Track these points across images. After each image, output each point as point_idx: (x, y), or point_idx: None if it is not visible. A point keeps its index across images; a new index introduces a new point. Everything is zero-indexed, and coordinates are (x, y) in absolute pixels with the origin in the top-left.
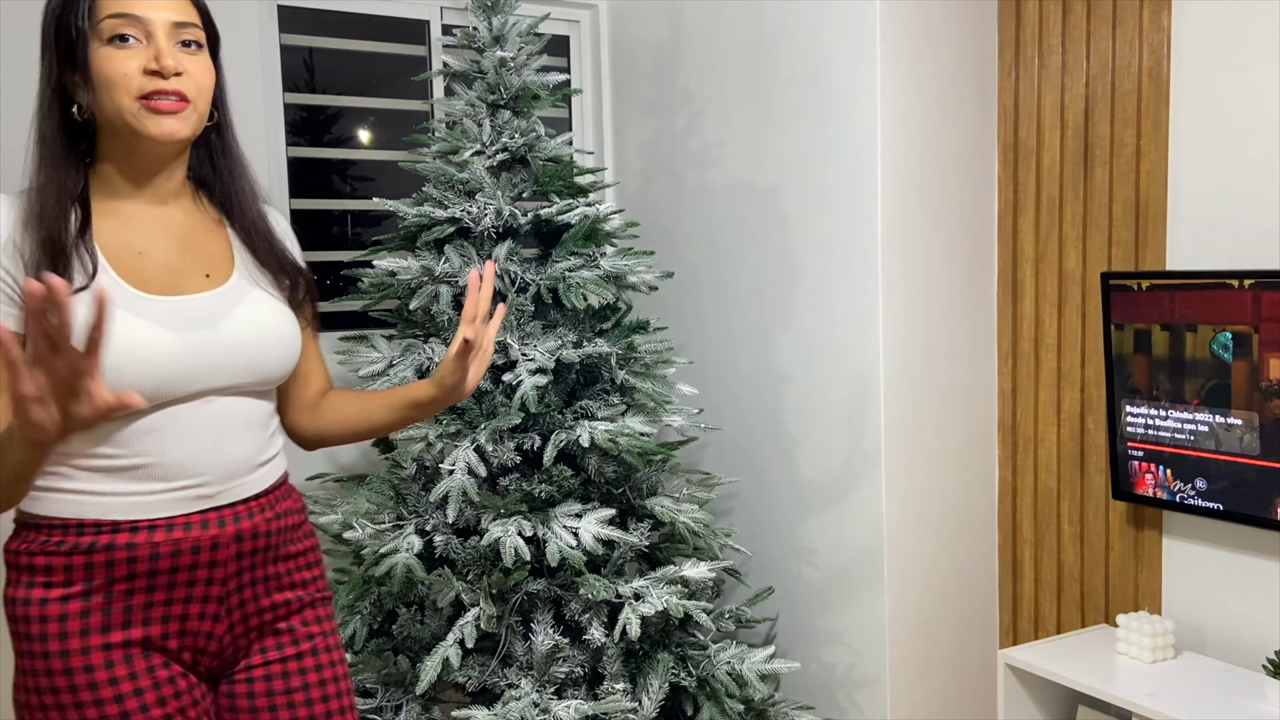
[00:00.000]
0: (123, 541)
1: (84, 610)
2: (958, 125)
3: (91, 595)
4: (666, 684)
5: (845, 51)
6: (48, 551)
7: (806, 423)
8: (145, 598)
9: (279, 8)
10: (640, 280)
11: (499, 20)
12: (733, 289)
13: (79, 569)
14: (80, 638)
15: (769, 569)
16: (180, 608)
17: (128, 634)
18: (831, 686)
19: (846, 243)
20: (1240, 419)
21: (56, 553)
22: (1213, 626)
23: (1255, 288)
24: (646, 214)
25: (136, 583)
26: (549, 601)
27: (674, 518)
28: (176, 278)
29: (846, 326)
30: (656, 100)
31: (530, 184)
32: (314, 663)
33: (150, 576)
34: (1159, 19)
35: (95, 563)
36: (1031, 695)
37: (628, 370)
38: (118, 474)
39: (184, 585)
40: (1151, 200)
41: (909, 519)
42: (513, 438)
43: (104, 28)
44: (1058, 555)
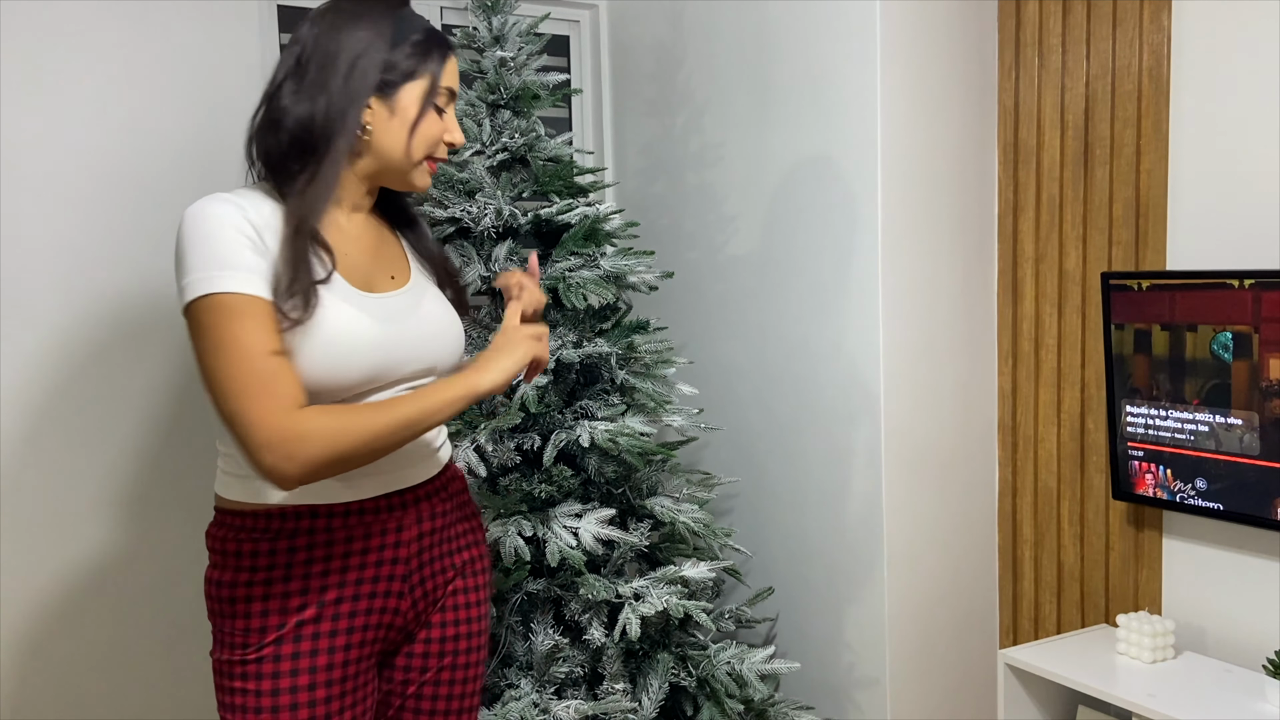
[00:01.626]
0: (321, 525)
1: (284, 593)
2: (958, 125)
3: (291, 579)
4: (666, 684)
5: (845, 51)
6: (254, 538)
7: (806, 423)
8: (340, 578)
9: (279, 8)
10: (640, 280)
11: (499, 20)
12: (733, 289)
13: (282, 553)
14: (279, 615)
15: (769, 569)
16: (369, 587)
17: (320, 612)
18: (831, 686)
19: (846, 243)
20: (1240, 419)
21: (262, 538)
22: (1213, 626)
23: (1255, 288)
24: (646, 214)
25: (331, 564)
26: (549, 601)
27: (674, 518)
28: (370, 278)
29: (846, 326)
30: (656, 100)
31: (530, 184)
32: (466, 645)
33: (345, 559)
34: (1159, 19)
35: (298, 546)
36: (1031, 695)
37: (628, 370)
38: None
39: (373, 565)
40: (1151, 200)
41: (909, 519)
42: (513, 438)
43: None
44: (1058, 555)
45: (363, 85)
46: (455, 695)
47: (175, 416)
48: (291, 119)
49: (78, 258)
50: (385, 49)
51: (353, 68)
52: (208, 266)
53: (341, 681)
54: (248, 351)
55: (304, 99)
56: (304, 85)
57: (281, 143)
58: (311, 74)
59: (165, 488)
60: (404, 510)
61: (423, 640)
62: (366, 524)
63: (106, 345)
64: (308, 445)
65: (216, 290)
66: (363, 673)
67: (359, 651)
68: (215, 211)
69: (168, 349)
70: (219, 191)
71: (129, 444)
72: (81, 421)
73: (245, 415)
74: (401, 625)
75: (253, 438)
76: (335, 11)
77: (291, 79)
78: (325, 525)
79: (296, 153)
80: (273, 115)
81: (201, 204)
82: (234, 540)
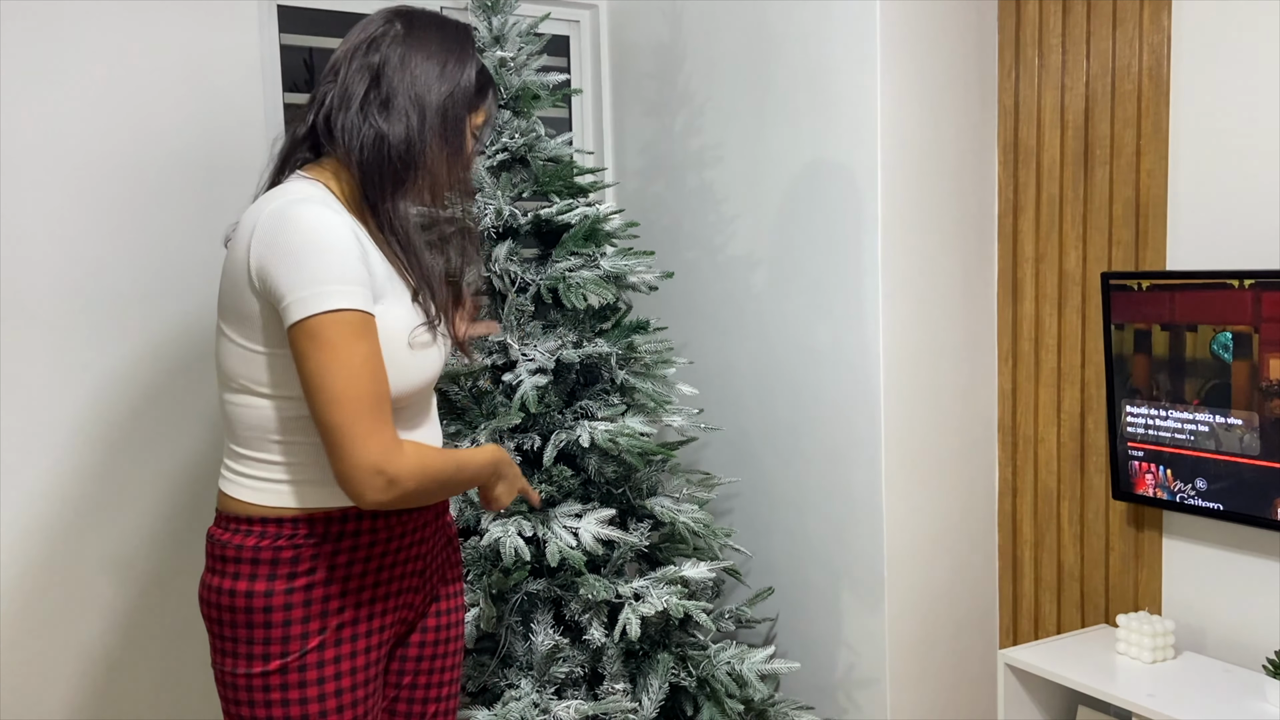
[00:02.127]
0: (365, 527)
1: (325, 596)
2: (958, 125)
3: (330, 582)
4: (666, 684)
5: (845, 51)
6: (295, 545)
7: (806, 423)
8: (374, 577)
9: (279, 8)
10: (640, 280)
11: (499, 20)
12: (732, 289)
13: (324, 557)
14: (320, 620)
15: (769, 569)
16: (397, 584)
17: (357, 614)
18: (831, 686)
19: (846, 242)
20: (1240, 419)
21: (305, 543)
22: (1213, 626)
23: (1255, 288)
24: (646, 214)
25: (370, 564)
26: (549, 602)
27: (674, 518)
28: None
29: (846, 326)
30: (656, 100)
31: (530, 184)
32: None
33: (381, 558)
34: (1159, 19)
35: (341, 549)
36: (1031, 695)
37: (628, 370)
38: None
39: (401, 563)
40: (1151, 200)
41: (909, 519)
42: (513, 438)
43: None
44: (1058, 555)
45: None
46: (446, 682)
47: (178, 414)
48: (394, 135)
49: (77, 256)
50: (466, 78)
51: (446, 96)
52: (331, 280)
53: (375, 679)
54: (371, 372)
55: (398, 118)
56: (393, 104)
57: (383, 155)
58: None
59: (163, 488)
60: (424, 509)
61: (420, 630)
62: (402, 522)
63: (106, 345)
64: (405, 481)
65: (346, 306)
66: (382, 665)
67: (385, 648)
68: (334, 223)
69: (167, 348)
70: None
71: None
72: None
73: (358, 434)
74: (413, 619)
75: (361, 458)
76: (416, 32)
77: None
78: (370, 527)
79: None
80: (376, 128)
81: (315, 212)
82: (270, 549)
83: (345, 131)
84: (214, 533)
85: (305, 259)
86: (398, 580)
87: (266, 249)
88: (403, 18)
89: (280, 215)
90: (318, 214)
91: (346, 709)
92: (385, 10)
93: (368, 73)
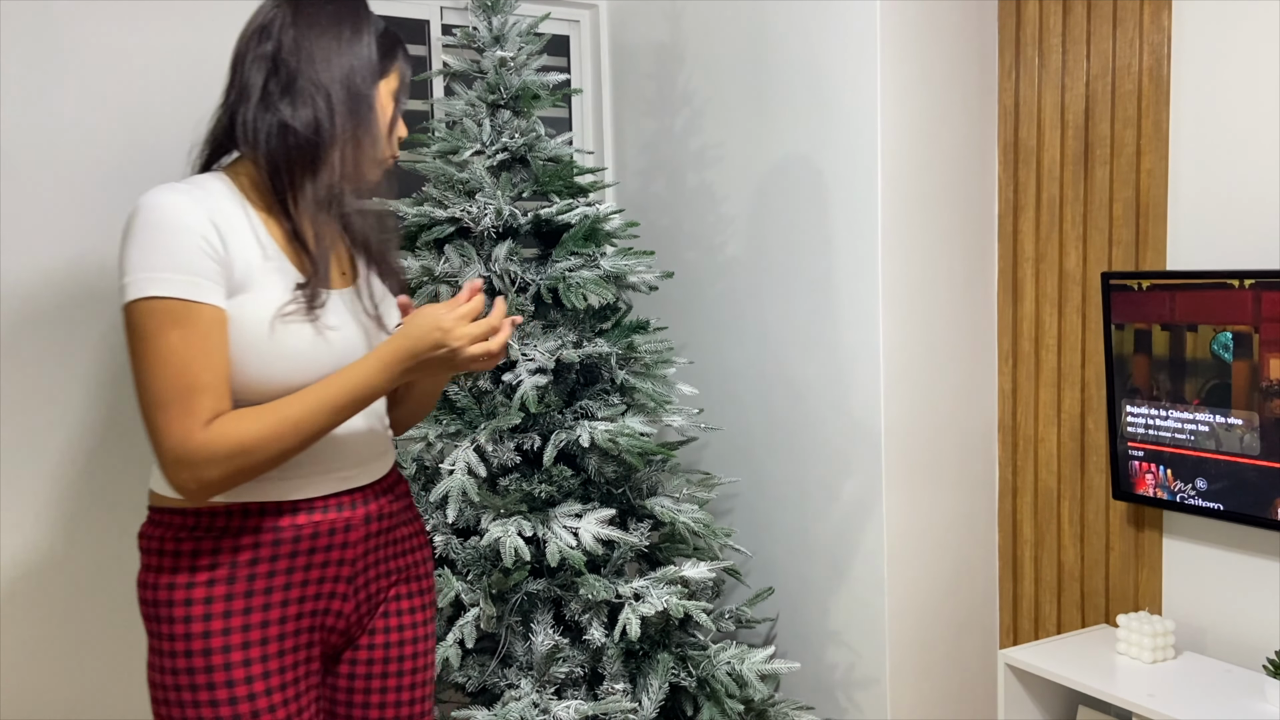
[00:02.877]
0: (269, 524)
1: (228, 594)
2: (958, 125)
3: (235, 580)
4: (666, 684)
5: (845, 51)
6: (195, 537)
7: (806, 423)
8: (285, 579)
9: None
10: (640, 280)
11: (499, 20)
12: (733, 289)
13: (226, 552)
14: (223, 619)
15: (769, 569)
16: (314, 588)
17: (266, 615)
18: (831, 686)
19: (846, 243)
20: (1240, 419)
21: (205, 537)
22: (1213, 626)
23: (1255, 288)
24: (646, 214)
25: (278, 564)
26: (549, 601)
27: (674, 518)
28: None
29: (846, 326)
30: (656, 100)
31: (530, 184)
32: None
33: (291, 558)
34: (1159, 19)
35: (243, 545)
36: (1031, 695)
37: (628, 370)
38: None
39: (319, 566)
40: (1151, 200)
41: (909, 519)
42: (513, 438)
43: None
44: (1058, 555)
45: (363, 85)
46: (405, 702)
47: None
48: (299, 122)
49: (76, 255)
50: (365, 47)
51: (349, 71)
52: (153, 267)
53: (282, 688)
54: (180, 362)
55: (303, 102)
56: (296, 88)
57: (289, 144)
58: (302, 76)
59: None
60: (353, 509)
61: (365, 646)
62: (315, 523)
63: (105, 344)
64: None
65: (157, 294)
66: (303, 677)
67: (305, 653)
68: (173, 205)
69: None
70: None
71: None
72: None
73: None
74: (344, 629)
75: (163, 453)
76: (304, 10)
77: (273, 79)
78: (273, 524)
79: (306, 156)
80: (278, 118)
81: (158, 196)
82: (173, 540)
83: (247, 126)
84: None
85: (130, 247)
86: (315, 584)
87: (122, 233)
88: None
89: (139, 202)
90: (156, 198)
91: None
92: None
93: (263, 62)
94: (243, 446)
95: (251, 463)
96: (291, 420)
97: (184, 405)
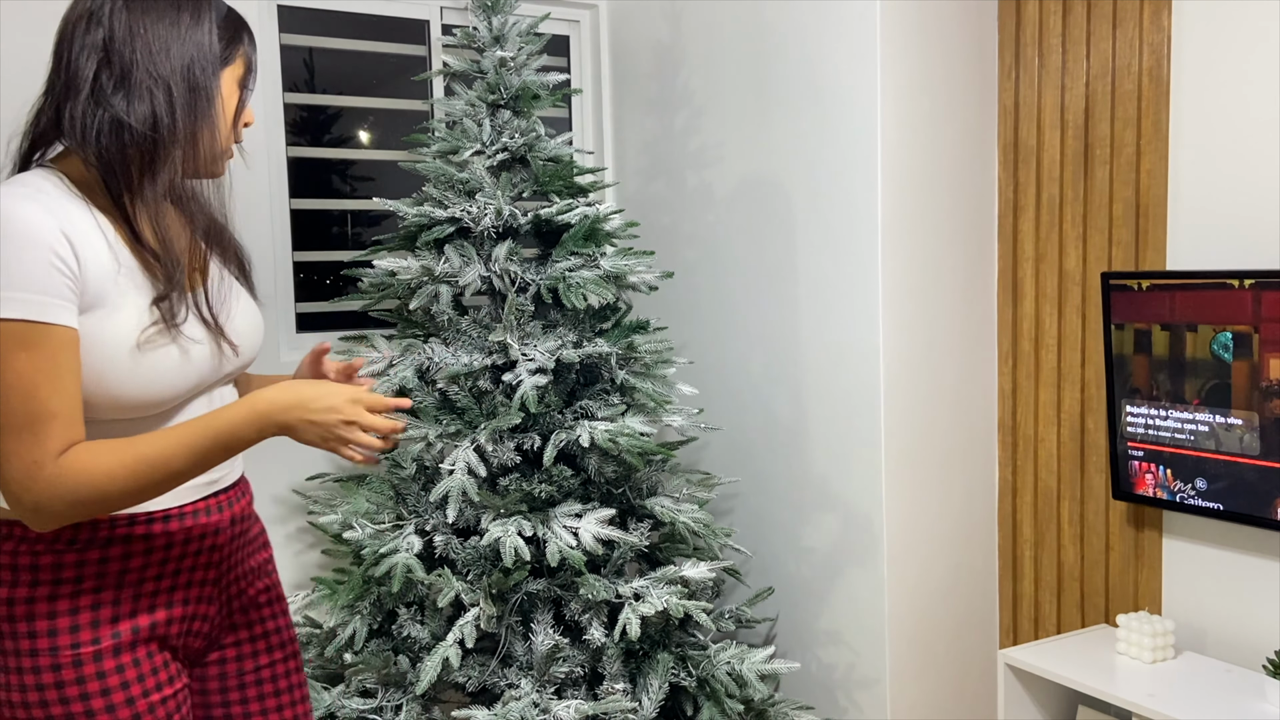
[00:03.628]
0: (139, 533)
1: (94, 604)
2: (958, 125)
3: (102, 590)
4: (666, 684)
5: (845, 51)
6: (55, 550)
7: (806, 423)
8: (154, 585)
9: (279, 8)
10: (640, 280)
11: (499, 20)
12: (733, 289)
13: (92, 564)
14: (91, 630)
15: (769, 569)
16: (182, 593)
17: (135, 622)
18: (831, 686)
19: (846, 243)
20: (1240, 419)
21: (68, 549)
22: (1213, 626)
23: (1255, 288)
24: (646, 214)
25: (148, 571)
26: (549, 601)
27: (674, 518)
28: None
29: (846, 326)
30: (656, 100)
31: (530, 184)
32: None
33: (161, 565)
34: (1159, 19)
35: (111, 556)
36: (1031, 695)
37: (628, 370)
38: None
39: (187, 570)
40: (1151, 200)
41: (909, 519)
42: (513, 438)
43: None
44: (1058, 555)
45: (204, 77)
46: (282, 690)
47: None
48: (136, 118)
49: None
50: (206, 34)
51: (189, 61)
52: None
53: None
54: (22, 387)
55: (139, 97)
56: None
57: (125, 142)
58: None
59: None
60: (220, 512)
61: (233, 644)
62: (187, 529)
63: None
64: (50, 505)
65: (2, 316)
66: (177, 679)
67: (176, 659)
68: (22, 216)
69: None
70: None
71: None
72: None
73: (6, 456)
74: (209, 632)
75: (9, 482)
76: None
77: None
78: (144, 532)
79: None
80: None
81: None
82: (29, 554)
83: (76, 121)
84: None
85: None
86: (183, 589)
87: None
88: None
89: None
90: (11, 208)
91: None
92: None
93: (94, 52)
94: (93, 485)
95: (101, 501)
96: (148, 461)
97: (33, 434)
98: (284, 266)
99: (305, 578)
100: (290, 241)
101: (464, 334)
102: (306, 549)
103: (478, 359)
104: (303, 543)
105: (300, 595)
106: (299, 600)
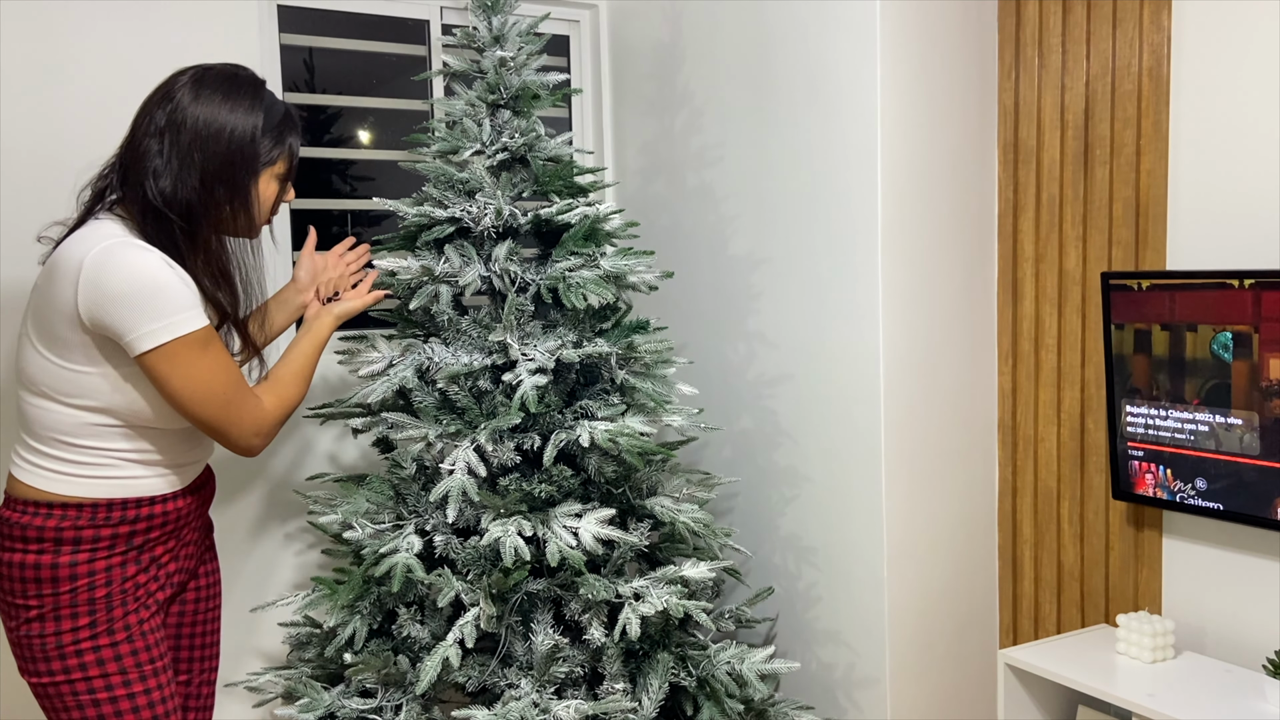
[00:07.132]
0: (158, 511)
1: (123, 563)
2: (958, 125)
3: (128, 555)
4: (666, 684)
5: (845, 51)
6: (95, 525)
7: (806, 423)
8: (162, 549)
9: (279, 7)
10: (640, 280)
11: (499, 20)
12: (732, 289)
13: (123, 537)
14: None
15: (769, 569)
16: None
17: (149, 578)
18: (831, 686)
19: (847, 242)
20: (1240, 419)
21: (105, 525)
22: (1213, 626)
23: (1255, 288)
24: (646, 214)
25: (168, 543)
26: (549, 601)
27: (674, 518)
28: None
29: (846, 326)
30: (656, 100)
31: (530, 184)
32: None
33: (167, 536)
34: (1159, 19)
35: (137, 530)
36: (1031, 695)
37: (628, 370)
38: (157, 465)
39: (179, 535)
40: (1151, 200)
41: (909, 519)
42: (513, 437)
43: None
44: (1058, 555)
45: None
46: (212, 630)
47: None
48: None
49: None
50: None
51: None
52: (169, 312)
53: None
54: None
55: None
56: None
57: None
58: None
59: None
60: (204, 488)
61: (194, 589)
62: (190, 504)
63: None
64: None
65: (185, 331)
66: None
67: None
68: (147, 260)
69: None
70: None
71: None
72: None
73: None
74: (179, 581)
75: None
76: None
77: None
78: (162, 511)
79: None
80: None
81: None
82: (72, 529)
83: (129, 187)
84: (5, 514)
85: (138, 301)
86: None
87: (98, 293)
88: (195, 73)
89: (102, 262)
90: (136, 257)
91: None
92: (184, 68)
93: (158, 135)
94: (286, 406)
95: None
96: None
97: (243, 396)
98: (284, 266)
99: (305, 578)
100: (290, 242)
101: (464, 334)
102: (306, 549)
103: (478, 359)
104: (303, 543)
105: (300, 595)
106: (299, 600)
